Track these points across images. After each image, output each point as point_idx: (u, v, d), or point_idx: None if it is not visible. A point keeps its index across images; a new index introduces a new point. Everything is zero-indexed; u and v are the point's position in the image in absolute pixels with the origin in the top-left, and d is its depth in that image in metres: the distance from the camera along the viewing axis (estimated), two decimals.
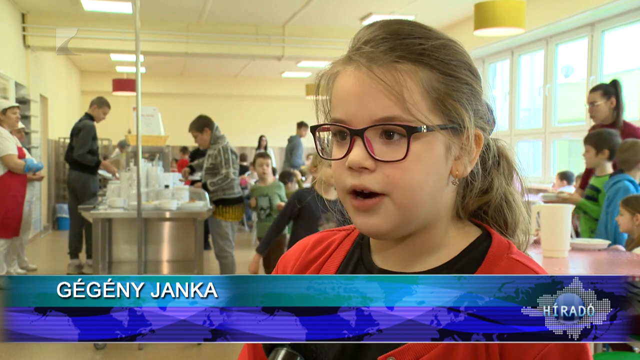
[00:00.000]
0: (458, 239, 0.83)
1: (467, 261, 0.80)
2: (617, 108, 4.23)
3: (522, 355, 0.73)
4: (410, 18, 8.54)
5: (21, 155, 5.86)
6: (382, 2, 8.28)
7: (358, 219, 0.79)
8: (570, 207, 3.11)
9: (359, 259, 0.88)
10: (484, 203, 0.85)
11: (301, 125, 10.74)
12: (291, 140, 10.52)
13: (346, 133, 0.77)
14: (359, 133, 0.76)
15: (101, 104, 6.83)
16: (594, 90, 4.37)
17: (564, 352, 0.72)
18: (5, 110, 5.78)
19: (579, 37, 7.35)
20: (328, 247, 0.92)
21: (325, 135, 0.84)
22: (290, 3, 8.50)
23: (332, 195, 3.08)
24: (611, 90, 4.26)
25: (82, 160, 6.52)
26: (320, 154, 0.83)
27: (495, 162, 0.86)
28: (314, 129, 0.82)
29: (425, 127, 0.75)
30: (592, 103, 4.32)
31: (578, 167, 7.38)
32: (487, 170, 0.85)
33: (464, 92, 0.78)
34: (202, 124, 5.45)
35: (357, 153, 0.76)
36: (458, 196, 0.84)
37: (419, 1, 8.13)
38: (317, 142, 0.83)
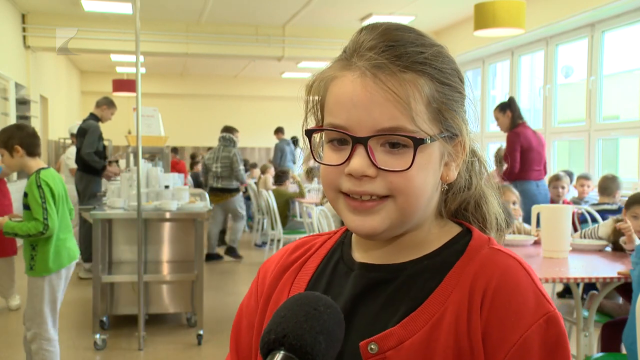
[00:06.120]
0: (440, 235, 0.85)
1: (449, 253, 0.82)
2: (513, 118, 5.61)
3: (504, 339, 0.74)
4: (410, 19, 8.50)
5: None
6: (382, 3, 8.27)
7: (355, 220, 0.79)
8: (570, 208, 3.09)
9: (339, 257, 0.89)
10: (463, 201, 0.88)
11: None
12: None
13: (346, 140, 0.77)
14: (363, 141, 0.76)
15: (111, 105, 6.82)
16: (495, 109, 5.74)
17: (545, 335, 0.74)
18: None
19: (579, 37, 7.35)
20: (308, 250, 0.93)
21: (317, 138, 0.84)
22: (290, 3, 8.49)
23: None
24: (505, 106, 5.65)
25: (89, 159, 6.45)
26: (315, 158, 0.83)
27: (470, 161, 0.88)
28: (309, 133, 0.82)
29: (429, 138, 0.76)
30: (496, 119, 5.74)
31: (578, 167, 7.37)
32: (466, 170, 0.87)
33: (457, 100, 0.80)
34: None
35: (360, 161, 0.75)
36: (441, 198, 0.86)
37: (419, 1, 8.12)
38: (311, 146, 0.83)
